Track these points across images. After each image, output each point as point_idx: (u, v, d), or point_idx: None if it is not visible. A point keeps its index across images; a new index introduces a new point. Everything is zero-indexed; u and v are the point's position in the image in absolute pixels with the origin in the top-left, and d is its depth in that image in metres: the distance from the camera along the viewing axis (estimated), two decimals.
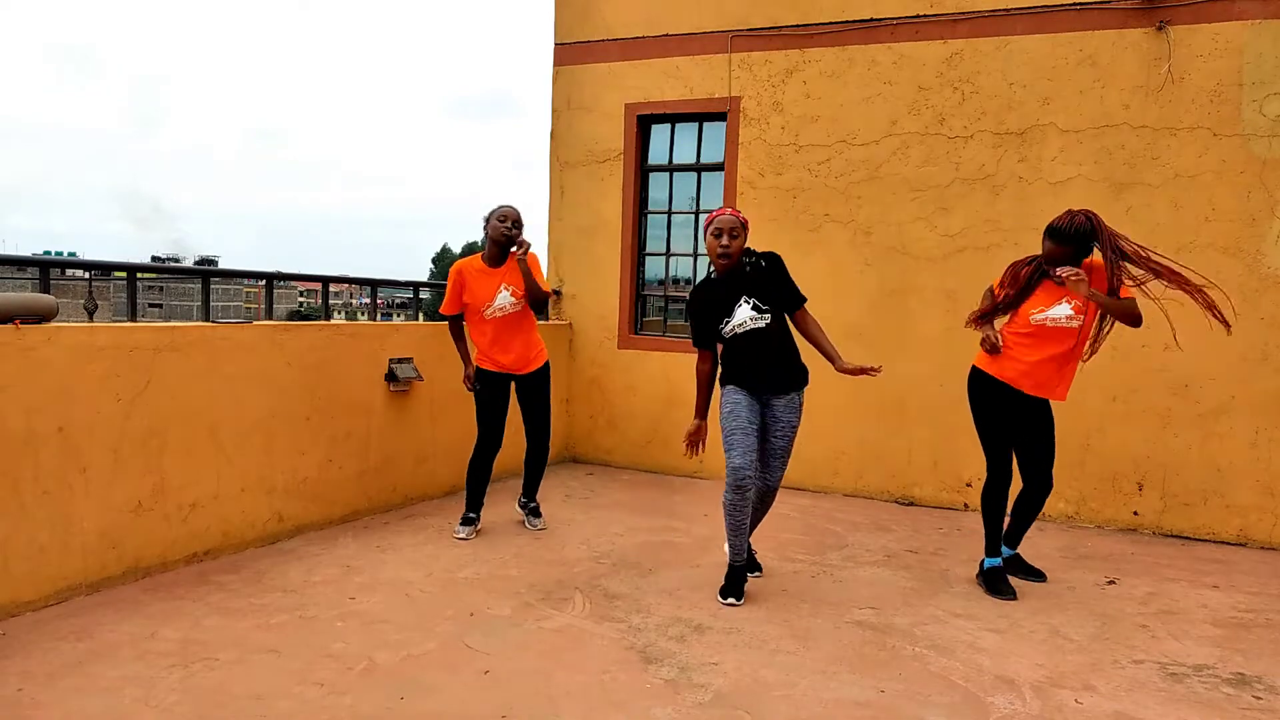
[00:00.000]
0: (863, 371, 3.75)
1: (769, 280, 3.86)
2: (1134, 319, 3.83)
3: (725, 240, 3.80)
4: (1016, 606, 3.90)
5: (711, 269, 3.95)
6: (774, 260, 3.90)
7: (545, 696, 2.89)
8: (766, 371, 3.84)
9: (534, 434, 4.82)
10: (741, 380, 3.86)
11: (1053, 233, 3.86)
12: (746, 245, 3.90)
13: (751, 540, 4.17)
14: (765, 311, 3.82)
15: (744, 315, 3.81)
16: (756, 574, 4.16)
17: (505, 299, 4.54)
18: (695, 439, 3.96)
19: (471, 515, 4.77)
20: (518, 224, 4.54)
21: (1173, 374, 5.28)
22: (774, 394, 3.86)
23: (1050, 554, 4.71)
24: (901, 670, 3.18)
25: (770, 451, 3.89)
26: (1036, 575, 4.27)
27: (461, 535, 4.68)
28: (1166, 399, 5.28)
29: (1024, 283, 3.97)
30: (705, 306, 3.91)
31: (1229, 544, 5.15)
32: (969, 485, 5.79)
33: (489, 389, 4.69)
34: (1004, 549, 4.25)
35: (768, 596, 3.93)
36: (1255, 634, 3.68)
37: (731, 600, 3.81)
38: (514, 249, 4.45)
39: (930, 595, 4.03)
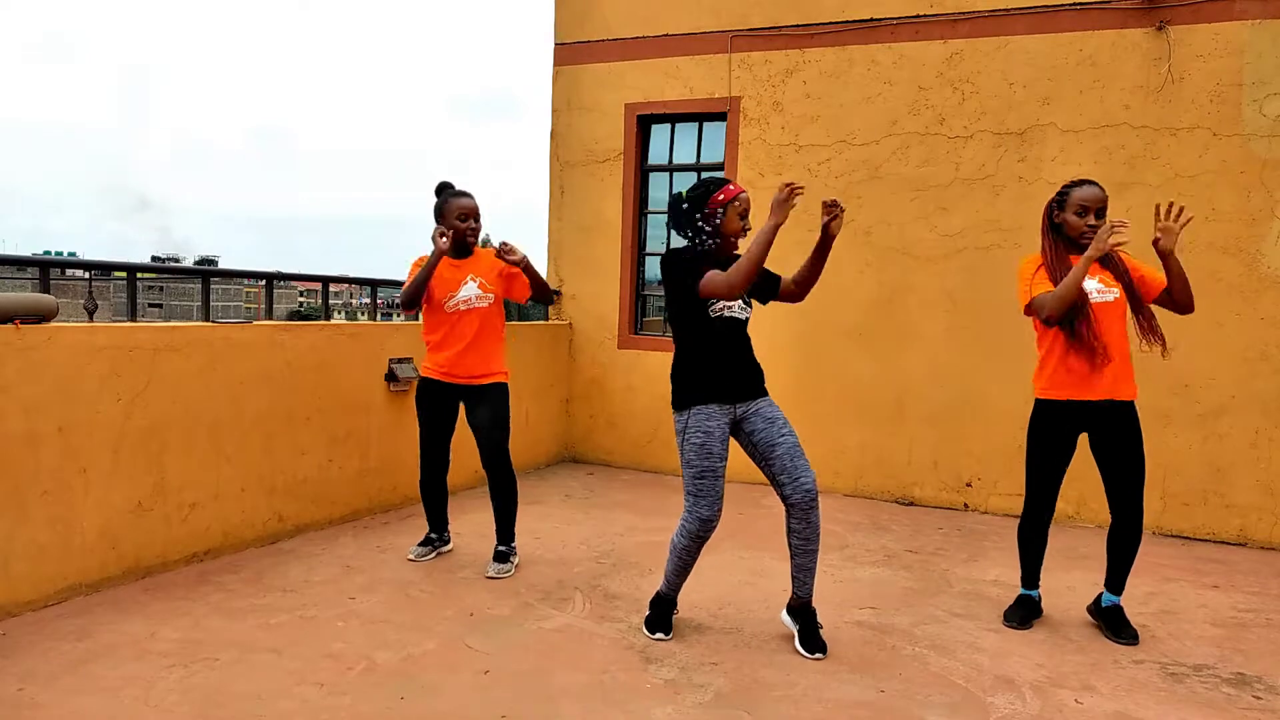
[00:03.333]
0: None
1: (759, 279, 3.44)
2: (1184, 299, 3.48)
3: (749, 224, 3.38)
4: None
5: (702, 242, 3.39)
6: None
7: (545, 696, 2.89)
8: (742, 368, 3.38)
9: (487, 462, 4.16)
10: (721, 383, 3.33)
11: (1077, 183, 3.53)
12: None
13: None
14: (748, 306, 3.44)
15: (736, 300, 3.35)
16: (819, 655, 3.31)
17: (472, 290, 4.05)
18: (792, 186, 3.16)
19: (431, 535, 4.39)
20: (478, 218, 4.10)
21: (1173, 374, 5.28)
22: (751, 397, 3.37)
23: (1050, 554, 4.69)
24: (901, 670, 3.18)
25: (786, 450, 3.30)
26: (1127, 635, 3.53)
27: (412, 556, 4.28)
28: (1166, 399, 5.28)
29: (1060, 272, 3.46)
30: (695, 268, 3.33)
31: (1229, 544, 5.15)
32: (969, 485, 5.79)
33: (430, 402, 4.20)
34: (1105, 596, 3.66)
35: (767, 597, 3.92)
36: (1255, 634, 3.68)
37: (659, 635, 3.40)
38: (505, 256, 3.96)
39: (930, 595, 4.03)
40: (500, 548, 4.20)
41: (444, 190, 4.12)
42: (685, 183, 6.77)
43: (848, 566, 4.42)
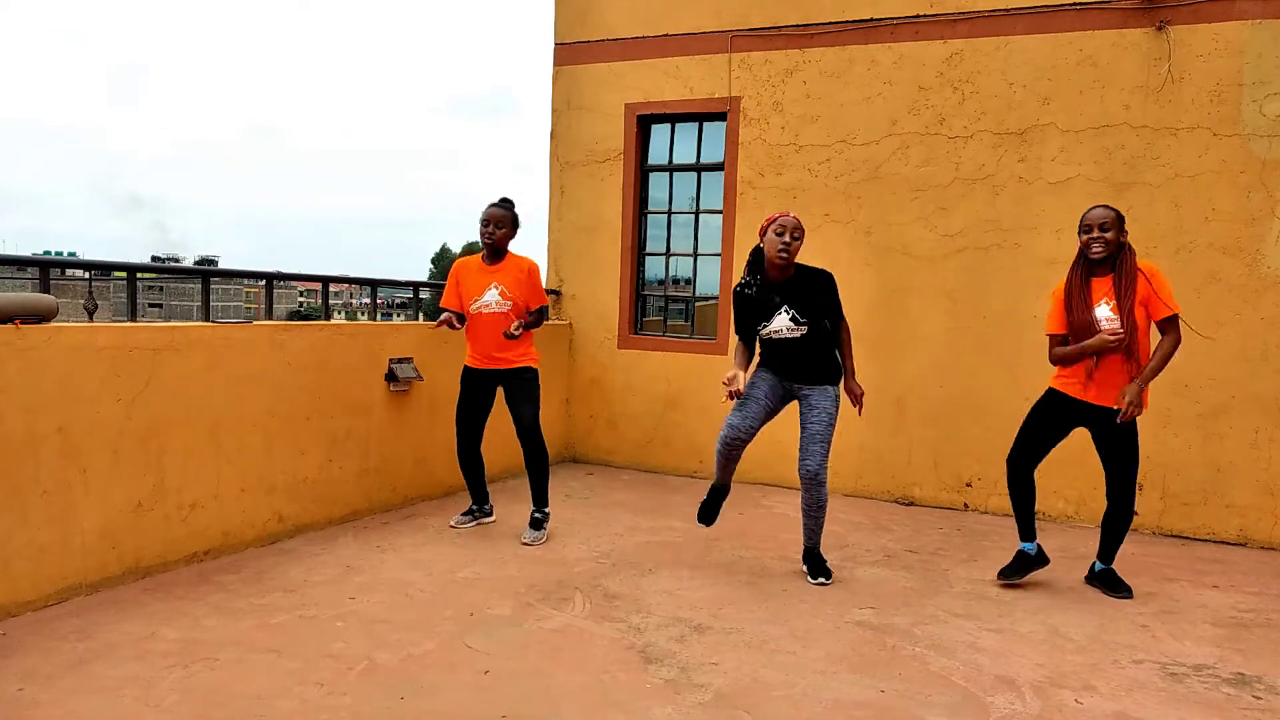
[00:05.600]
0: (855, 398, 4.14)
1: (814, 293, 4.03)
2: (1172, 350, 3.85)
3: (788, 238, 3.95)
4: (1016, 606, 3.90)
5: (746, 277, 4.13)
6: (827, 279, 4.08)
7: (545, 696, 2.89)
8: (796, 371, 4.09)
9: (521, 435, 4.72)
10: (773, 370, 4.15)
11: (1093, 208, 3.91)
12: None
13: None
14: (803, 323, 4.00)
15: (781, 323, 4.02)
16: (822, 580, 4.12)
17: (493, 296, 4.58)
18: (731, 385, 3.97)
19: (473, 507, 4.96)
20: (499, 225, 4.60)
21: (1173, 374, 5.27)
22: (804, 383, 4.09)
23: (1050, 554, 4.70)
24: (901, 670, 3.18)
25: (807, 436, 4.02)
26: (1123, 591, 4.09)
27: (453, 523, 4.87)
28: (1166, 399, 5.28)
29: (1077, 297, 3.91)
30: (748, 308, 4.13)
31: (1229, 544, 5.15)
32: (969, 485, 5.79)
33: (467, 384, 4.76)
34: (1097, 564, 4.21)
35: (768, 596, 3.93)
36: (1255, 634, 3.68)
37: (702, 524, 4.35)
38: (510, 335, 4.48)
39: (930, 595, 4.03)
40: (535, 514, 4.75)
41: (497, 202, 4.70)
42: (685, 182, 6.77)
43: (848, 566, 4.42)
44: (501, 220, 4.60)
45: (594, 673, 3.08)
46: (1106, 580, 4.17)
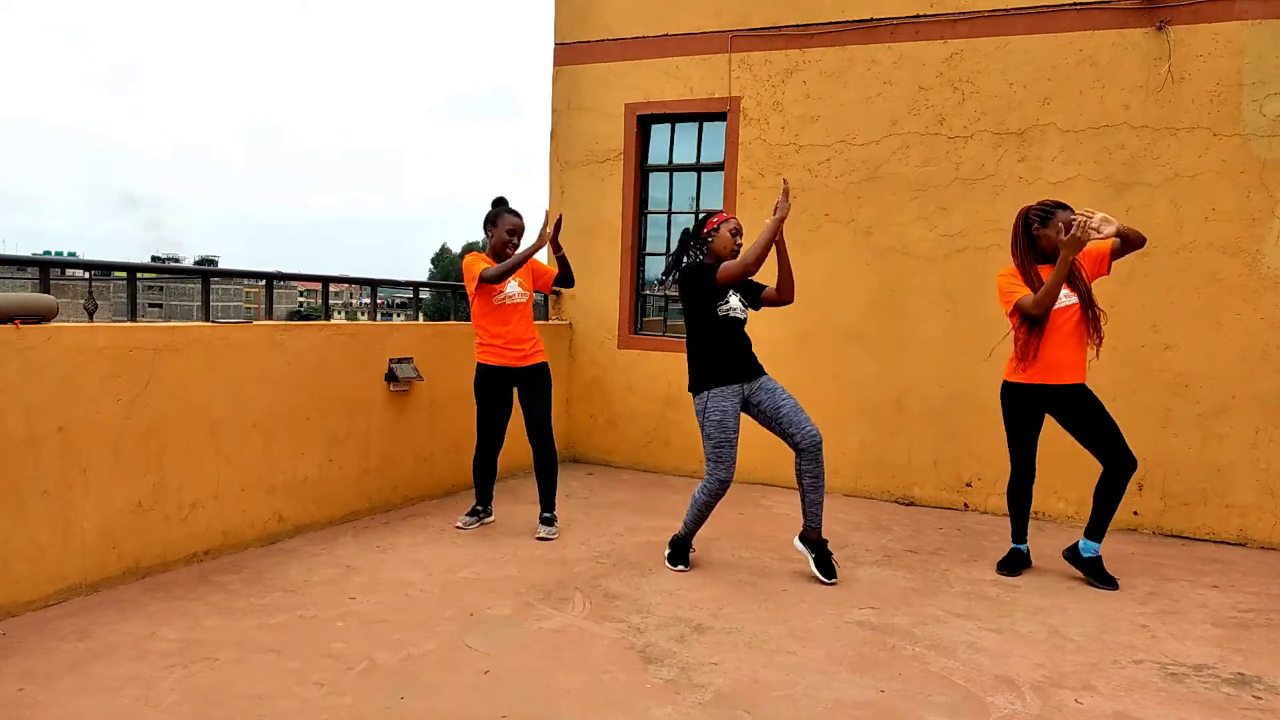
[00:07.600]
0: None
1: (746, 286, 4.28)
2: (1133, 238, 4.04)
3: (741, 239, 4.21)
4: (1016, 606, 3.90)
5: (694, 255, 4.27)
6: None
7: (545, 696, 2.89)
8: (744, 356, 4.18)
9: (533, 436, 4.73)
10: (730, 368, 4.11)
11: (1045, 207, 4.18)
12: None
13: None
14: (745, 309, 4.23)
15: (735, 302, 4.17)
16: (832, 581, 4.13)
17: (514, 288, 4.70)
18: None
19: (478, 508, 4.96)
20: (521, 235, 4.78)
21: (1173, 374, 5.28)
22: (754, 378, 4.18)
23: (1051, 554, 4.71)
24: (901, 670, 3.19)
25: (790, 410, 4.12)
26: (1108, 582, 4.19)
27: (459, 524, 4.87)
28: (1166, 399, 5.28)
29: (1036, 280, 4.14)
30: (707, 285, 4.16)
31: (1229, 544, 5.15)
32: (969, 485, 5.79)
33: (489, 390, 4.75)
34: (1087, 546, 4.27)
35: (768, 596, 3.93)
36: (1255, 634, 3.68)
37: (680, 567, 4.26)
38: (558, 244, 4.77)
39: (930, 595, 4.03)
40: (545, 514, 4.81)
41: (500, 204, 4.80)
42: (685, 182, 6.78)
43: (848, 566, 4.42)
44: (524, 231, 4.76)
45: (594, 673, 3.08)
46: (1093, 569, 4.23)
